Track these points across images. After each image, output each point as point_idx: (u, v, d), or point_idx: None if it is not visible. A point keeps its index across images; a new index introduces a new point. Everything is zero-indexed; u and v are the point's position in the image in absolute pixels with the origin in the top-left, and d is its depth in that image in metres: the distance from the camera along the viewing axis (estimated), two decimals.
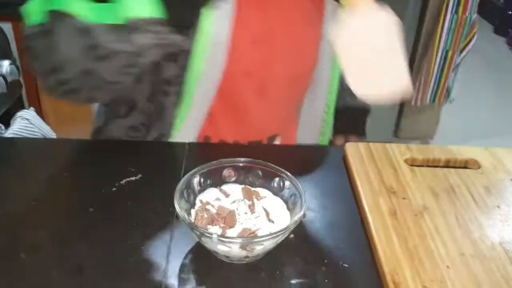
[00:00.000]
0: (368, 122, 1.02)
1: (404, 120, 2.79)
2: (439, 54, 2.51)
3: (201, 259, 0.60)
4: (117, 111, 0.78)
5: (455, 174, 0.77)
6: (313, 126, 0.93)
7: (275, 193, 0.64)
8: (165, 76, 0.71)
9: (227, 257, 0.58)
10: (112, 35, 0.55)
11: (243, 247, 0.54)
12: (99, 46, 0.56)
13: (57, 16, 0.56)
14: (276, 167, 0.64)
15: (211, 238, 0.53)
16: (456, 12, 2.40)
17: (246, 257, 0.57)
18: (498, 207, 0.71)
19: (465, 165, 0.81)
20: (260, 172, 0.64)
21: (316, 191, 0.73)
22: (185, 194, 0.61)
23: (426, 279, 0.58)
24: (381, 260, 0.60)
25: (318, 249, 0.63)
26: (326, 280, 0.59)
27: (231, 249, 0.55)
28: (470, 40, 2.53)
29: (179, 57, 0.68)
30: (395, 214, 0.68)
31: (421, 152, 0.82)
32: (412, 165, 0.79)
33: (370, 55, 0.50)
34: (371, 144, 0.82)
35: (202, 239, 0.56)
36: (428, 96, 2.61)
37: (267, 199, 0.63)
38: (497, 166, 0.80)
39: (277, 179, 0.64)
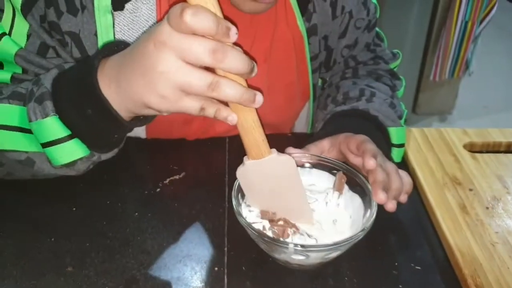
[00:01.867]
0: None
1: (422, 95, 2.72)
2: (458, 26, 2.43)
3: (262, 264, 0.55)
4: None
5: None
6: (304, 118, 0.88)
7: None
8: None
9: (300, 265, 0.53)
10: (52, 164, 0.57)
11: (322, 255, 0.50)
12: (42, 173, 0.60)
13: (1, 154, 0.58)
14: (345, 164, 0.59)
15: (286, 248, 0.48)
16: None
17: (319, 264, 0.53)
18: None
19: None
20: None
21: None
22: (240, 197, 0.56)
23: None
24: (459, 261, 0.55)
25: (386, 251, 0.58)
26: (400, 286, 0.54)
27: (308, 258, 0.50)
28: (491, 10, 2.44)
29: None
30: (465, 208, 0.62)
31: (480, 136, 0.76)
32: (471, 151, 0.73)
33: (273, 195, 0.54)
34: (425, 129, 0.77)
35: (273, 249, 0.51)
36: (447, 70, 2.53)
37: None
38: None
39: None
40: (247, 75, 0.45)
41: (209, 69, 0.44)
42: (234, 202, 0.53)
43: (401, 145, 0.69)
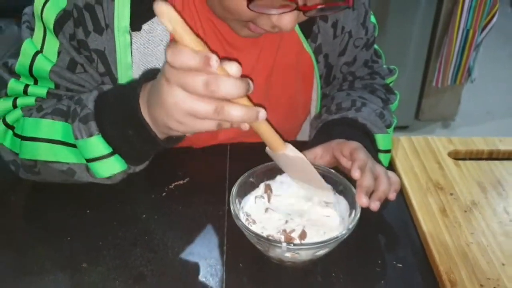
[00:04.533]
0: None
1: (425, 101, 2.76)
2: (460, 34, 2.47)
3: (258, 262, 0.61)
4: None
5: (500, 167, 0.77)
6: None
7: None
8: None
9: (292, 262, 0.59)
10: (90, 173, 0.65)
11: (311, 253, 0.56)
12: (80, 181, 0.67)
13: (43, 164, 0.66)
14: (333, 170, 0.64)
15: (280, 247, 0.54)
16: None
17: (310, 261, 0.59)
18: None
19: (508, 156, 0.80)
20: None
21: None
22: (237, 201, 0.62)
23: (483, 278, 0.58)
24: (436, 259, 0.61)
25: (371, 250, 0.64)
26: (383, 282, 0.59)
27: (299, 256, 0.56)
28: (492, 18, 2.48)
29: None
30: (445, 211, 0.68)
31: (463, 145, 0.81)
32: (455, 159, 0.79)
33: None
34: (413, 138, 0.82)
35: (268, 248, 0.57)
36: (449, 77, 2.57)
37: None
38: None
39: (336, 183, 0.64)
40: (244, 95, 0.50)
41: None
42: (232, 207, 0.59)
43: (387, 151, 0.75)
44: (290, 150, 0.59)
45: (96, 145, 0.60)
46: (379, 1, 2.42)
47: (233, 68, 0.49)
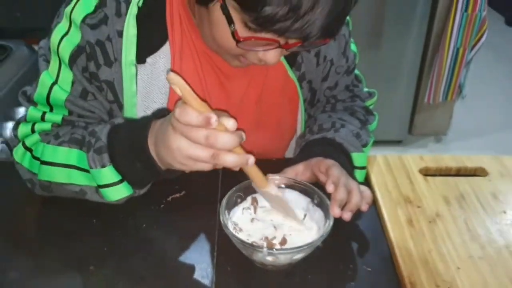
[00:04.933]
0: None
1: (418, 116, 2.85)
2: (450, 52, 2.56)
3: (245, 266, 0.69)
4: None
5: (465, 182, 0.85)
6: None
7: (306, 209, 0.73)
8: None
9: (273, 266, 0.67)
10: (99, 194, 0.73)
11: (289, 256, 0.65)
12: (90, 199, 0.76)
13: (59, 185, 0.75)
14: (311, 185, 0.73)
15: (262, 252, 0.63)
16: (466, 10, 2.44)
17: (289, 264, 0.67)
18: (504, 212, 0.79)
19: (474, 173, 0.89)
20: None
21: None
22: (226, 212, 0.70)
23: (439, 279, 0.67)
24: (400, 264, 0.69)
25: (344, 255, 0.72)
26: (353, 283, 0.68)
27: (279, 259, 0.64)
28: (481, 37, 2.57)
29: None
30: (411, 222, 0.76)
31: (434, 162, 0.90)
32: (426, 175, 0.87)
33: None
34: (388, 156, 0.91)
35: (251, 253, 0.65)
36: (441, 94, 2.66)
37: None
38: (504, 173, 0.88)
39: (314, 196, 0.73)
40: (237, 145, 0.60)
41: None
42: (221, 217, 0.68)
43: (362, 168, 0.84)
44: (272, 189, 0.69)
45: (108, 174, 0.70)
46: (374, 21, 2.53)
47: (230, 123, 0.58)
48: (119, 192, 0.71)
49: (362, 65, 2.92)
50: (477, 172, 0.89)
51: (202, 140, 0.58)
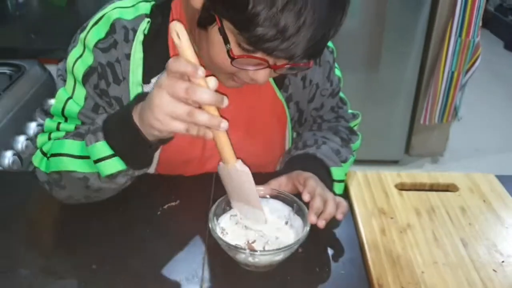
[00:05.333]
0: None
1: (415, 137, 2.92)
2: (445, 75, 2.65)
3: (230, 267, 0.77)
4: None
5: (436, 197, 0.93)
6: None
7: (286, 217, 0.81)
8: None
9: (255, 266, 0.75)
10: (100, 179, 0.80)
11: (269, 258, 0.73)
12: (93, 188, 0.83)
13: (63, 173, 0.83)
14: (292, 195, 0.81)
15: (244, 253, 0.71)
16: (460, 35, 2.54)
17: (270, 265, 0.75)
18: (470, 224, 0.87)
19: (446, 188, 0.97)
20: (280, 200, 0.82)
21: None
22: (215, 218, 0.79)
23: (404, 282, 0.74)
24: (370, 268, 0.77)
25: (321, 259, 0.80)
26: (327, 284, 0.76)
27: (259, 261, 0.72)
28: (475, 62, 2.66)
29: None
30: (384, 231, 0.84)
31: (410, 178, 0.98)
32: (401, 190, 0.95)
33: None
34: (368, 173, 0.99)
35: (235, 254, 0.73)
36: (436, 115, 2.74)
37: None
38: (473, 189, 0.96)
39: (293, 205, 0.81)
40: (218, 104, 0.67)
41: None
42: (210, 223, 0.76)
43: (341, 181, 0.92)
44: (239, 165, 0.75)
45: (101, 148, 0.77)
46: (372, 45, 2.62)
47: (211, 81, 0.67)
48: (112, 166, 0.78)
49: (361, 87, 3.01)
50: (449, 188, 0.97)
51: (182, 92, 0.65)
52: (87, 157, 0.80)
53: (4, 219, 0.88)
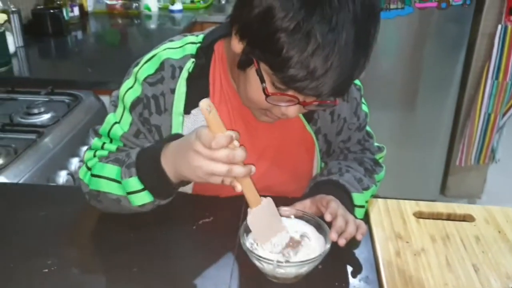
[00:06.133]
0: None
1: (451, 178, 2.92)
2: (482, 117, 2.66)
3: (255, 278, 0.85)
4: None
5: (452, 226, 0.99)
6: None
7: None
8: None
9: (283, 278, 0.83)
10: (129, 203, 0.92)
11: (294, 270, 0.81)
12: (125, 208, 0.94)
13: (101, 192, 0.95)
14: (315, 216, 0.90)
15: (272, 264, 0.80)
16: (497, 78, 2.57)
17: (295, 277, 0.83)
18: (483, 252, 0.92)
19: (463, 219, 1.03)
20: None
21: None
22: (245, 234, 0.87)
23: None
24: (384, 285, 0.83)
25: (340, 275, 0.87)
26: None
27: (285, 272, 0.80)
28: None
29: None
30: (399, 254, 0.91)
31: (428, 208, 1.04)
32: (419, 218, 1.02)
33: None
34: (388, 200, 1.06)
35: (264, 264, 0.81)
36: (472, 157, 2.74)
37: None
38: (489, 220, 1.01)
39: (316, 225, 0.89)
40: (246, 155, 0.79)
41: None
42: (241, 238, 0.85)
43: (361, 206, 1.00)
44: (263, 201, 0.85)
45: (133, 183, 0.89)
46: (410, 87, 2.69)
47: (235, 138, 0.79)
48: (142, 198, 0.90)
49: (397, 126, 3.06)
50: (466, 218, 1.03)
51: (224, 159, 0.77)
52: (121, 183, 0.92)
53: (57, 225, 1.00)
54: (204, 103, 0.76)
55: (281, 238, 0.87)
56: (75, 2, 2.76)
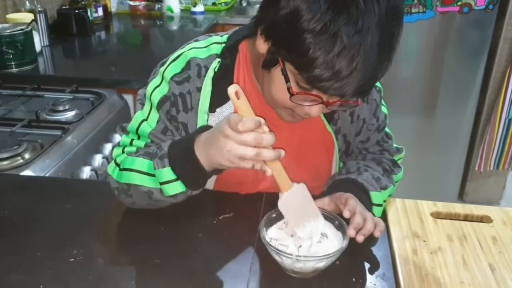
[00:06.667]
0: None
1: (469, 184, 2.91)
2: (502, 123, 2.65)
3: (273, 272, 0.87)
4: None
5: (469, 226, 1.00)
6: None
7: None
8: None
9: (301, 273, 0.85)
10: (162, 195, 0.94)
11: (312, 264, 0.83)
12: (156, 200, 0.96)
13: (132, 185, 0.97)
14: (334, 213, 0.92)
15: (291, 258, 0.82)
16: None
17: (313, 272, 0.85)
18: (500, 252, 0.93)
19: (480, 220, 1.03)
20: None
21: None
22: (264, 228, 0.90)
23: None
24: (400, 282, 0.85)
25: (357, 271, 0.89)
26: None
27: (304, 266, 0.82)
28: None
29: None
30: (416, 252, 0.92)
31: (445, 208, 1.05)
32: (436, 218, 1.03)
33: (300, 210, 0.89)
34: (406, 200, 1.07)
35: (283, 258, 0.84)
36: (492, 162, 2.73)
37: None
38: (507, 222, 1.02)
39: (335, 222, 0.91)
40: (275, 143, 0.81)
41: None
42: (261, 232, 0.87)
43: (379, 205, 1.01)
44: (295, 186, 0.87)
45: (167, 173, 0.91)
46: (430, 92, 2.69)
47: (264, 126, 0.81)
48: (175, 188, 0.92)
49: (417, 131, 3.06)
50: (483, 220, 1.03)
51: (252, 142, 0.79)
52: (153, 175, 0.94)
53: (82, 218, 1.04)
54: (232, 89, 0.79)
55: (316, 225, 0.89)
56: (99, 2, 2.82)
